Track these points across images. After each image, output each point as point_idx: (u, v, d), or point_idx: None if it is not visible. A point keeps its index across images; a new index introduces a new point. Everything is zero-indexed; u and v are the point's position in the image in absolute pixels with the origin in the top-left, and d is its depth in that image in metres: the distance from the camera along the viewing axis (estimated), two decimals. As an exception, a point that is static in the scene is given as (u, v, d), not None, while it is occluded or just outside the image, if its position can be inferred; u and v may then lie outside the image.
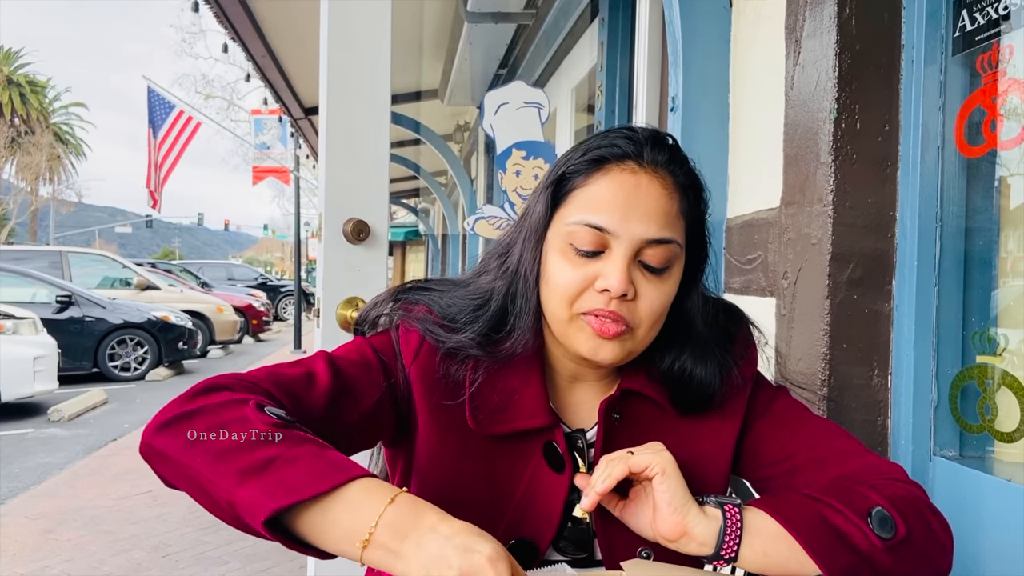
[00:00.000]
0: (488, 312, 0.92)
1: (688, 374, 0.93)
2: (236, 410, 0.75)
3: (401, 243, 21.17)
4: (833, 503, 0.81)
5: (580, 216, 0.86)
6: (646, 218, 0.84)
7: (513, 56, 5.14)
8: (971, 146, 1.37)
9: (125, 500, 4.72)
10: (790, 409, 0.98)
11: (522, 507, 0.90)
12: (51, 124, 41.13)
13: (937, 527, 0.84)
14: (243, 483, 0.70)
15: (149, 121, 15.06)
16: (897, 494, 0.84)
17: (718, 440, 0.95)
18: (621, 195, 0.85)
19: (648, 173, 0.86)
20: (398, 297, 0.96)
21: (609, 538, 0.90)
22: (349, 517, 0.70)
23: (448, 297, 0.94)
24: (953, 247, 1.41)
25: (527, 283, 0.91)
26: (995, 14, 1.30)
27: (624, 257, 0.84)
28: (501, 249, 0.97)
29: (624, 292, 0.84)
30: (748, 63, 1.95)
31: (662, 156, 0.88)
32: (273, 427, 0.74)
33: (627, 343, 0.88)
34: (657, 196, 0.86)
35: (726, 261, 1.99)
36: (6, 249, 13.17)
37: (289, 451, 0.72)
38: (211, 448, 0.73)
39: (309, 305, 16.36)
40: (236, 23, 4.69)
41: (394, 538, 0.69)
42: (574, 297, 0.86)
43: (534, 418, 0.90)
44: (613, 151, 0.87)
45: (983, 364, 1.35)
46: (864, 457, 0.92)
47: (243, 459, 0.71)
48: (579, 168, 0.88)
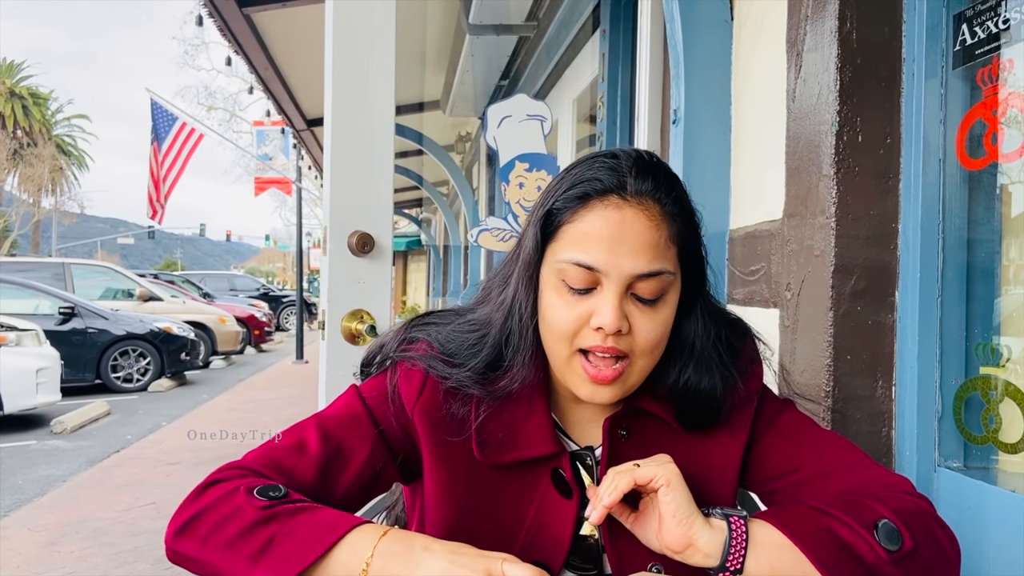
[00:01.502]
0: (485, 347, 0.92)
1: (692, 389, 0.93)
2: (230, 502, 0.81)
3: (403, 253, 21.20)
4: (839, 515, 0.82)
5: (569, 255, 0.86)
6: (633, 254, 0.84)
7: (515, 68, 5.17)
8: (972, 158, 1.38)
9: (128, 512, 4.72)
10: (796, 422, 0.99)
11: (532, 532, 0.90)
12: (53, 136, 41.25)
13: (944, 540, 0.84)
14: (254, 567, 0.77)
15: (152, 133, 15.12)
16: (904, 507, 0.84)
17: (725, 455, 0.95)
18: (607, 232, 0.84)
19: (633, 206, 0.85)
20: (405, 338, 0.97)
21: (619, 553, 0.90)
22: (347, 559, 0.77)
23: (448, 331, 0.95)
24: (955, 258, 1.41)
25: (522, 320, 0.91)
26: (995, 28, 1.31)
27: (615, 294, 0.84)
28: (501, 279, 0.97)
29: (618, 328, 0.84)
30: (749, 76, 1.96)
31: (646, 186, 0.86)
32: (264, 509, 0.80)
33: (626, 381, 0.88)
34: (643, 229, 0.85)
35: (729, 273, 2.00)
36: (8, 261, 13.19)
37: (285, 526, 0.79)
38: (220, 542, 0.79)
39: (311, 315, 16.38)
40: (239, 36, 4.71)
41: (388, 562, 0.76)
42: (571, 336, 0.87)
43: (540, 446, 0.91)
44: (596, 186, 0.86)
45: (987, 375, 1.35)
46: (870, 470, 0.92)
47: (247, 546, 0.78)
48: (564, 204, 0.87)
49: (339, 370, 1.84)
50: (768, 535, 0.82)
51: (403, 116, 6.42)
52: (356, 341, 1.86)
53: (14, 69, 40.79)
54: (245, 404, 8.91)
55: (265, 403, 8.92)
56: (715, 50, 2.03)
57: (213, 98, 27.90)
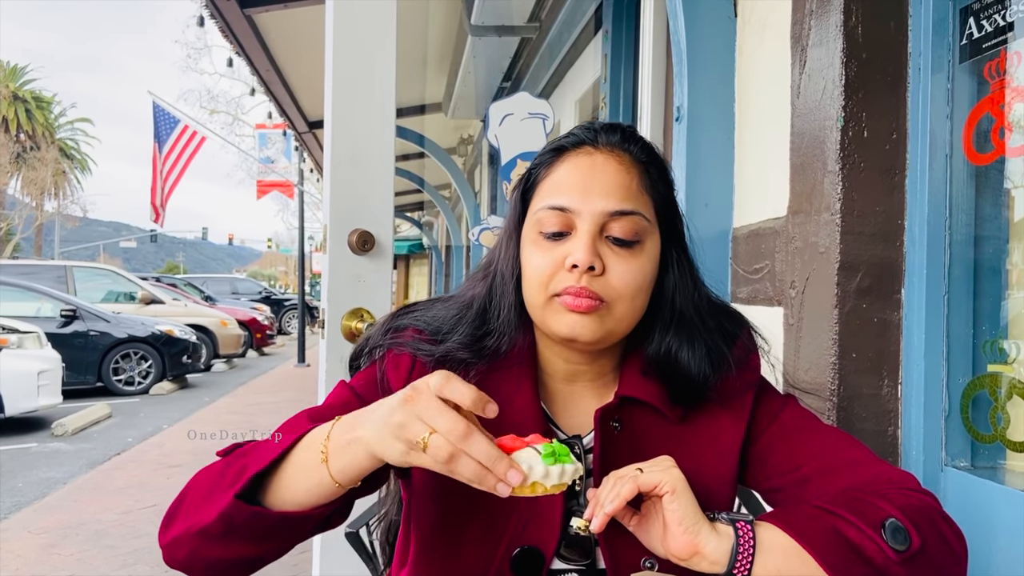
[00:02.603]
0: (471, 314, 0.94)
1: (675, 356, 0.92)
2: (204, 472, 0.84)
3: (405, 256, 21.22)
4: (846, 515, 0.80)
5: (544, 202, 0.89)
6: (605, 193, 0.87)
7: (517, 69, 5.16)
8: (980, 154, 1.36)
9: (128, 515, 4.71)
10: (799, 418, 0.97)
11: (524, 516, 0.89)
12: (56, 139, 41.36)
13: (951, 536, 0.83)
14: (227, 492, 0.77)
15: (154, 136, 15.14)
16: (910, 504, 0.83)
17: (720, 446, 0.93)
18: (578, 175, 0.89)
19: (604, 152, 0.90)
20: (388, 327, 0.97)
21: (613, 547, 0.89)
22: (306, 455, 0.78)
23: (433, 312, 0.96)
24: (963, 255, 1.40)
25: (503, 278, 0.94)
26: (1002, 21, 1.29)
27: (588, 232, 0.86)
28: (485, 261, 1.00)
29: (591, 264, 0.85)
30: (753, 72, 1.95)
31: (615, 137, 0.92)
32: (231, 454, 0.83)
33: (605, 320, 0.87)
34: (614, 171, 0.89)
35: (733, 270, 1.98)
36: (11, 264, 13.21)
37: (252, 453, 0.81)
38: (198, 501, 0.80)
39: (313, 319, 16.36)
40: (241, 38, 4.71)
41: (344, 433, 0.75)
42: (548, 280, 0.88)
43: (526, 425, 0.89)
44: (570, 139, 0.92)
45: (994, 373, 1.34)
46: (875, 466, 0.90)
47: (223, 482, 0.78)
48: (542, 160, 0.93)
49: (339, 369, 1.82)
50: (775, 539, 0.80)
51: (405, 118, 6.41)
52: (356, 340, 1.84)
53: (17, 73, 40.90)
54: (246, 407, 8.90)
55: (266, 406, 8.91)
56: (718, 47, 2.01)
57: (215, 101, 27.99)
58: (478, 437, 0.70)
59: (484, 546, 0.89)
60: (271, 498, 0.79)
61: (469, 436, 0.69)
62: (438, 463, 0.70)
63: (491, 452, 0.70)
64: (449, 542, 0.90)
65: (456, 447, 0.69)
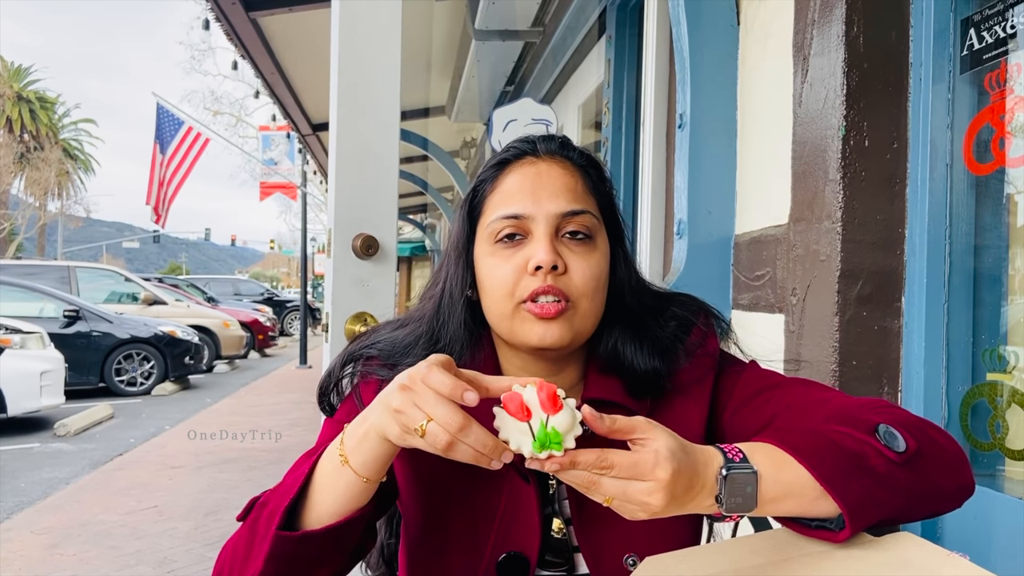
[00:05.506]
0: (421, 331, 0.95)
1: (622, 352, 0.93)
2: (233, 540, 0.86)
3: (407, 259, 21.23)
4: (837, 428, 0.78)
5: (496, 213, 0.91)
6: (555, 195, 0.90)
7: (520, 73, 5.17)
8: (980, 163, 1.37)
9: (131, 515, 4.71)
10: (761, 378, 0.96)
11: (506, 521, 0.90)
12: (60, 140, 41.41)
13: (944, 441, 0.81)
14: (266, 538, 0.80)
15: (156, 137, 15.17)
16: (895, 416, 0.81)
17: (690, 432, 0.88)
18: (527, 183, 0.91)
19: (546, 160, 0.93)
20: (345, 359, 0.99)
21: (592, 548, 0.90)
22: (328, 466, 0.82)
23: (389, 338, 0.98)
24: (962, 264, 1.41)
25: (452, 298, 0.95)
26: (1003, 33, 1.30)
27: (546, 234, 0.88)
28: (431, 282, 1.02)
29: (554, 264, 0.86)
30: (756, 80, 1.96)
31: (554, 145, 0.95)
32: (251, 511, 0.86)
33: (573, 321, 0.89)
34: (559, 175, 0.92)
35: (734, 277, 1.99)
36: (14, 264, 13.23)
37: (273, 496, 0.84)
38: (240, 564, 0.83)
39: (315, 320, 16.38)
40: (246, 40, 4.72)
41: (355, 431, 0.80)
42: (513, 287, 0.89)
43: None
44: (511, 152, 0.95)
45: (994, 382, 1.34)
46: (846, 398, 0.89)
47: (258, 534, 0.82)
48: (486, 176, 0.95)
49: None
50: (768, 454, 0.76)
51: (409, 122, 6.43)
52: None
53: (21, 73, 40.98)
54: (248, 408, 8.91)
55: (268, 407, 8.92)
56: (721, 55, 2.03)
57: (219, 103, 28.04)
58: (473, 427, 0.72)
59: (470, 553, 0.90)
60: (308, 522, 0.82)
61: (466, 428, 0.72)
62: (435, 450, 0.73)
63: (485, 441, 0.73)
64: (435, 551, 0.92)
65: (454, 437, 0.72)
